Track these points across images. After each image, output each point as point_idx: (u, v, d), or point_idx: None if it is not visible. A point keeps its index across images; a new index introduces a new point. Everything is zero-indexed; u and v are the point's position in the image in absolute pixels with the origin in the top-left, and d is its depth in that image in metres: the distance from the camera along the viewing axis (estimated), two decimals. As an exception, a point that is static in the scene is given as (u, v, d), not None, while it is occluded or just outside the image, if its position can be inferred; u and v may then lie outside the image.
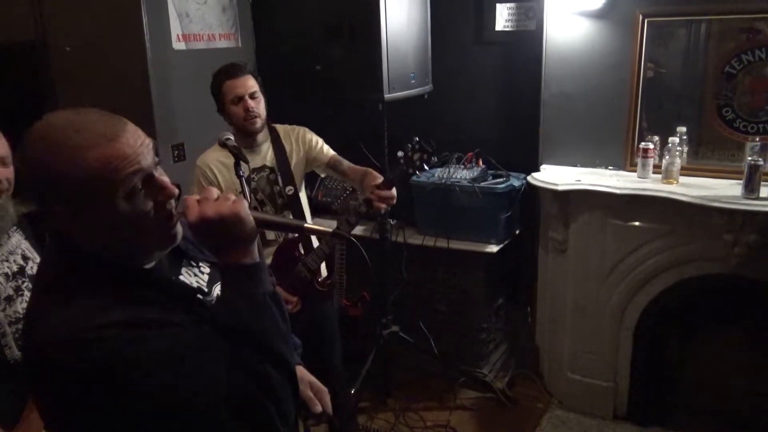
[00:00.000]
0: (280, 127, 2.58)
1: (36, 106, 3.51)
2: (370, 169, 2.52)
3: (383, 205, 2.34)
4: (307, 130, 2.60)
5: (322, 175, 3.00)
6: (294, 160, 2.53)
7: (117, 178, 0.95)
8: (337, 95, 2.77)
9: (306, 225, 1.22)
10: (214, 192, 1.07)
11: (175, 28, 3.36)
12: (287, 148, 2.54)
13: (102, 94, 3.18)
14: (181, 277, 1.18)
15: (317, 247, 2.50)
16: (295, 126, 2.61)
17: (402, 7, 2.70)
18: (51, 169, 0.95)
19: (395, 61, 2.65)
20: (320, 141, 2.60)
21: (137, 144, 0.98)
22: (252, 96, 2.38)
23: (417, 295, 3.33)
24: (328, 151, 2.59)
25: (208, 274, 1.23)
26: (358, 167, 2.56)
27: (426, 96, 2.99)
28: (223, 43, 3.66)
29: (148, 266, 1.08)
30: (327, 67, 2.76)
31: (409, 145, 2.35)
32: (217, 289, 1.21)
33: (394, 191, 2.35)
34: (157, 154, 1.04)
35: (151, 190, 1.00)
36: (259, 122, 2.41)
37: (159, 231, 1.04)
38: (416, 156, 2.32)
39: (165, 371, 0.94)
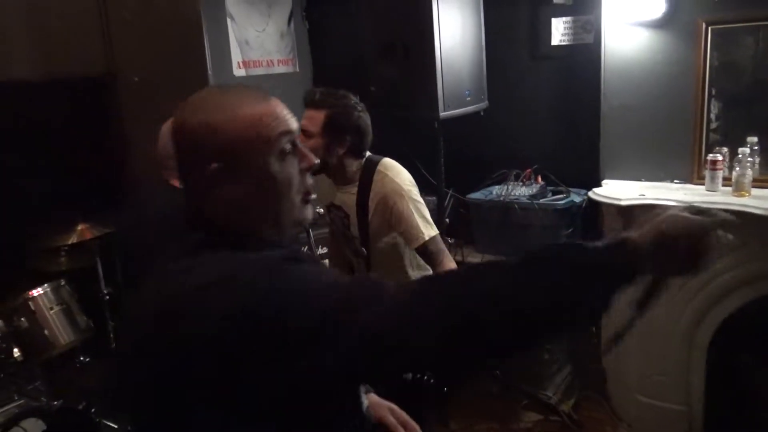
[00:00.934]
0: (380, 173, 2.14)
1: (106, 135, 3.68)
2: None
3: None
4: (399, 194, 2.09)
5: None
6: (372, 217, 2.15)
7: (271, 135, 1.01)
8: (393, 115, 2.77)
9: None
10: None
11: (236, 56, 3.48)
12: (371, 199, 2.13)
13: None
14: None
15: None
16: (390, 182, 2.12)
17: (456, 24, 2.70)
18: (210, 125, 0.99)
19: (450, 78, 2.65)
20: (407, 219, 2.08)
21: (285, 110, 1.05)
22: (303, 131, 2.04)
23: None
24: (415, 236, 2.08)
25: None
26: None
27: (482, 113, 2.97)
28: (281, 69, 3.76)
29: None
30: (382, 87, 2.77)
31: None
32: None
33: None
34: None
35: (296, 156, 1.05)
36: None
37: (297, 204, 1.06)
38: None
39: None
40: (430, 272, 2.21)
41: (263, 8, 3.62)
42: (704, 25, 2.70)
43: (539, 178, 3.21)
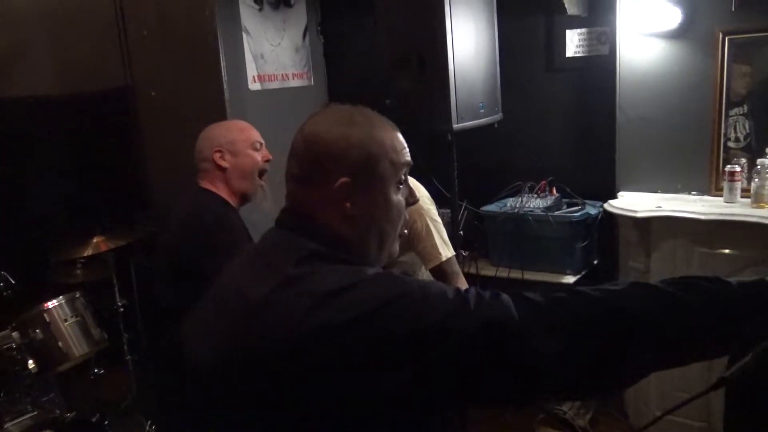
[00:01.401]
0: None
1: (126, 148, 3.73)
2: None
3: None
4: (421, 213, 2.08)
5: None
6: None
7: (398, 162, 1.03)
8: (407, 127, 2.77)
9: None
10: None
11: (251, 70, 3.50)
12: None
13: (184, 136, 3.35)
14: None
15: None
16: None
17: (469, 37, 2.70)
18: (348, 140, 1.00)
19: (463, 91, 2.64)
20: (426, 238, 2.09)
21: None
22: None
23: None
24: (431, 257, 2.09)
25: None
26: None
27: (496, 125, 2.96)
28: (296, 82, 3.78)
29: None
30: (397, 100, 2.77)
31: None
32: None
33: None
34: None
35: (406, 189, 1.08)
36: None
37: (398, 236, 1.09)
38: None
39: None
40: None
41: (278, 23, 3.65)
42: (721, 36, 2.67)
43: (554, 190, 3.18)
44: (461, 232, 3.06)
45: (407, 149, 1.06)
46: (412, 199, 1.09)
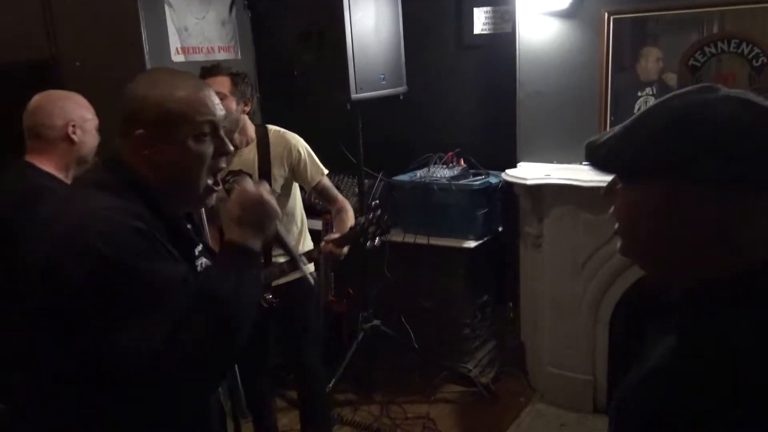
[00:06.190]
0: (274, 132, 2.50)
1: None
2: (344, 213, 2.50)
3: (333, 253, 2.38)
4: (299, 144, 2.49)
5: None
6: (275, 170, 2.47)
7: (194, 118, 1.21)
8: (312, 98, 2.91)
9: (303, 266, 1.45)
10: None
11: (174, 42, 3.58)
12: (272, 155, 2.46)
13: (108, 105, 3.41)
14: None
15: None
16: (288, 135, 2.50)
17: (369, 11, 2.84)
18: (148, 97, 1.20)
19: (362, 62, 2.78)
20: (309, 161, 2.48)
21: (215, 102, 1.26)
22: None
23: (402, 293, 3.41)
24: (316, 174, 2.49)
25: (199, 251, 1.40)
26: (338, 202, 2.52)
27: (401, 97, 3.10)
28: (222, 55, 3.86)
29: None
30: (303, 72, 2.91)
31: (370, 215, 2.39)
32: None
33: (344, 250, 2.39)
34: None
35: (214, 140, 1.25)
36: None
37: (203, 181, 1.25)
38: (371, 228, 2.34)
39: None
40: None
41: (203, -3, 3.73)
42: (607, 15, 2.84)
43: (461, 161, 3.34)
44: (377, 202, 3.21)
45: (213, 107, 1.24)
46: (222, 149, 1.27)
